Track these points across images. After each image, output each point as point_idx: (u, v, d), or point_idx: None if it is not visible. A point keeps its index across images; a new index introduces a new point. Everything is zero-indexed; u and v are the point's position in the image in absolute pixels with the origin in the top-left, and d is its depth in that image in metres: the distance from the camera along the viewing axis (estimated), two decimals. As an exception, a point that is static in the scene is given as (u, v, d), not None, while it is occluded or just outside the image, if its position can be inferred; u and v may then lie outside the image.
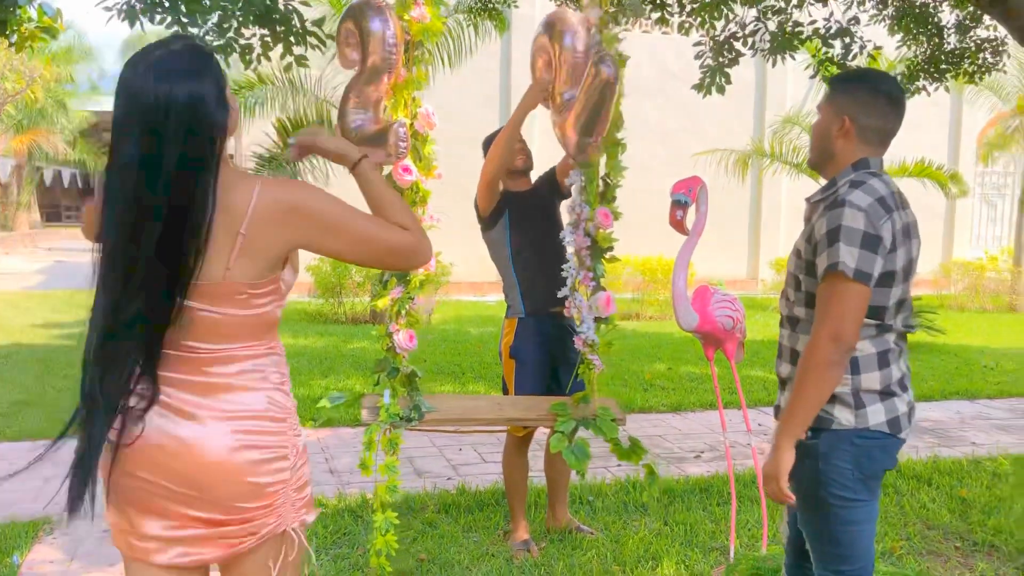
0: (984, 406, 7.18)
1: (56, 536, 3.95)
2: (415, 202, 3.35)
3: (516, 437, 3.92)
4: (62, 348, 8.58)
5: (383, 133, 3.19)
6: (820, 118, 2.40)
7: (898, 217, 2.23)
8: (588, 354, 3.56)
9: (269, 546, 1.82)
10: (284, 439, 1.83)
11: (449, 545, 3.88)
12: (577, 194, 3.62)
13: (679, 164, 11.34)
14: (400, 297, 3.36)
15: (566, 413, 3.49)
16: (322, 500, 4.40)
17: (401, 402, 3.43)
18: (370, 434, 3.35)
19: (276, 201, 1.76)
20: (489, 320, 11.75)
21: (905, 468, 5.09)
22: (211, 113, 1.70)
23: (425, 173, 3.34)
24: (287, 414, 1.86)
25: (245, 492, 1.76)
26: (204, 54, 1.75)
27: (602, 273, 3.59)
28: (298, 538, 1.86)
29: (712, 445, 5.76)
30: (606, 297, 3.54)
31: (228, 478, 1.74)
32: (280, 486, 1.81)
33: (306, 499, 1.91)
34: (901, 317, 2.31)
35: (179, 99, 1.66)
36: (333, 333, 10.32)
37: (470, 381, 7.52)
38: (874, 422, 2.25)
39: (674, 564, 3.71)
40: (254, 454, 1.76)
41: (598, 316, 3.56)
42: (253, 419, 1.78)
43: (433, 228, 3.39)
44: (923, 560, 3.82)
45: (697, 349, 8.98)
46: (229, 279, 1.73)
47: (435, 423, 3.51)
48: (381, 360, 3.44)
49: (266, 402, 1.81)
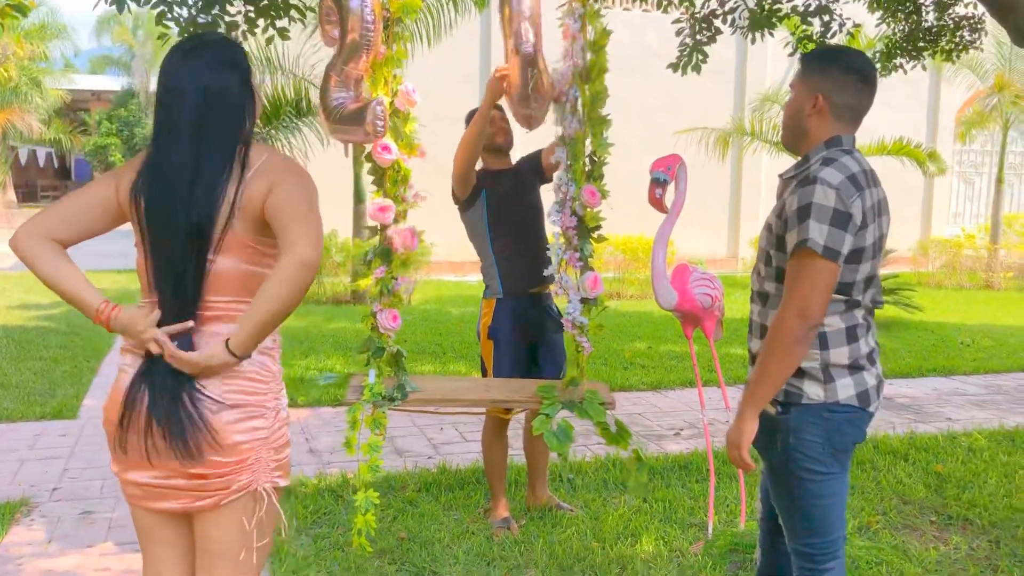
0: (960, 382, 7.26)
1: (33, 519, 3.93)
2: (396, 182, 3.31)
3: (496, 418, 3.92)
4: (37, 329, 8.50)
5: (362, 111, 3.16)
6: (793, 96, 2.41)
7: (869, 195, 2.24)
8: (577, 336, 3.53)
9: (243, 503, 1.95)
10: (263, 399, 1.95)
11: (430, 523, 3.89)
12: (563, 172, 3.57)
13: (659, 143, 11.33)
14: (383, 277, 3.33)
15: (552, 396, 3.46)
16: (302, 480, 4.39)
17: (386, 382, 3.42)
18: (354, 413, 3.34)
19: (265, 175, 1.93)
20: (470, 300, 11.73)
21: (882, 444, 5.14)
22: (240, 100, 1.97)
23: (407, 152, 3.31)
24: (271, 377, 1.99)
25: (219, 447, 1.89)
26: (234, 47, 2.03)
27: (590, 253, 3.56)
28: (268, 498, 1.97)
29: (691, 423, 5.79)
30: (593, 277, 3.50)
31: (205, 433, 1.87)
32: (256, 444, 1.93)
33: (282, 462, 2.01)
34: (870, 293, 2.32)
35: (213, 86, 1.92)
36: (314, 313, 10.28)
37: (451, 361, 7.52)
38: (843, 396, 2.28)
39: (653, 540, 3.74)
40: (232, 413, 1.90)
41: (585, 297, 3.52)
42: (238, 379, 1.91)
43: (415, 207, 3.37)
44: (899, 534, 3.87)
45: (677, 328, 9.02)
46: (238, 231, 1.92)
47: (420, 403, 3.50)
48: (367, 340, 3.42)
49: (255, 365, 1.94)
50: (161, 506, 1.96)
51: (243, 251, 1.93)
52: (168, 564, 2.07)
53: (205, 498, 1.92)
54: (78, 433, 5.24)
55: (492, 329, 3.85)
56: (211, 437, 1.87)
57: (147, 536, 2.06)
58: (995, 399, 6.66)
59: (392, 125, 3.25)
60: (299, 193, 1.92)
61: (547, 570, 3.45)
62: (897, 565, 3.51)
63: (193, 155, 1.91)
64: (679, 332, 8.84)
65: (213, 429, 1.88)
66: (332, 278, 11.84)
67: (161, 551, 2.06)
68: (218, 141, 1.92)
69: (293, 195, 1.91)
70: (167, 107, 1.94)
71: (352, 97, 3.18)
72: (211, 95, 1.92)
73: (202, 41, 1.99)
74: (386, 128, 3.17)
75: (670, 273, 3.69)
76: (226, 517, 1.94)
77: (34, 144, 27.90)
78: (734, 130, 13.61)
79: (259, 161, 1.95)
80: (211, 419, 1.87)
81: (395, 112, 3.27)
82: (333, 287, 11.77)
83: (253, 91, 2.03)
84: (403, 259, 3.34)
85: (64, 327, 8.56)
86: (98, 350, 7.57)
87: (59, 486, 4.35)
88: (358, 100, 3.17)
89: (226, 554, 1.97)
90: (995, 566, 3.58)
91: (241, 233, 1.92)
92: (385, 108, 3.16)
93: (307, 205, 1.91)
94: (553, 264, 3.58)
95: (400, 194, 3.34)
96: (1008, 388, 7.05)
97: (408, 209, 3.37)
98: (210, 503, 1.92)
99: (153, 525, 2.03)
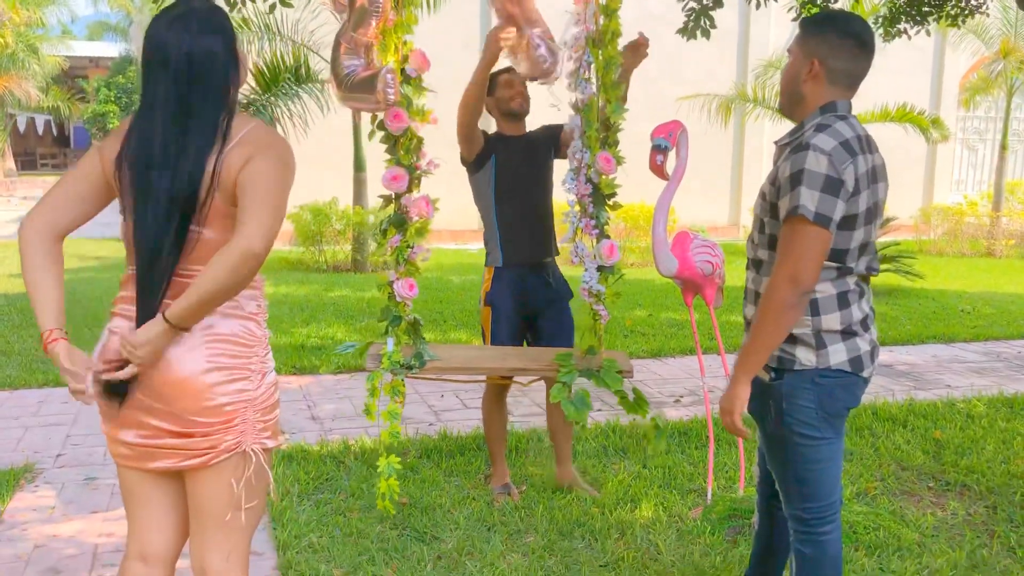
0: (960, 349, 7.27)
1: (38, 485, 3.96)
2: (409, 149, 3.28)
3: (494, 385, 3.92)
4: (40, 297, 8.50)
5: (372, 79, 3.13)
6: (790, 62, 2.40)
7: (863, 160, 2.23)
8: (594, 304, 3.52)
9: (230, 463, 1.99)
10: (248, 362, 1.99)
11: (431, 489, 3.92)
12: (577, 139, 3.53)
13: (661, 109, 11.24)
14: (398, 246, 3.32)
15: (570, 364, 3.46)
16: (303, 447, 4.42)
17: (404, 350, 3.43)
18: (373, 381, 3.36)
19: (243, 149, 1.92)
20: (470, 268, 11.73)
21: (881, 410, 5.16)
22: (224, 65, 1.95)
23: (419, 119, 3.27)
24: (256, 342, 2.02)
25: (204, 408, 1.93)
26: (219, 13, 2.00)
27: (605, 220, 3.53)
28: (256, 459, 2.00)
29: (691, 390, 5.81)
30: (610, 245, 3.47)
31: (190, 394, 1.92)
32: (241, 406, 1.97)
33: (271, 423, 2.05)
34: (864, 260, 2.32)
35: (197, 51, 1.91)
36: (314, 281, 10.29)
37: (451, 329, 7.54)
38: (835, 361, 2.29)
39: (653, 506, 3.77)
40: (218, 375, 1.94)
41: (602, 265, 3.50)
42: (223, 343, 1.95)
43: (428, 175, 3.35)
44: (897, 500, 3.90)
45: (677, 295, 9.02)
46: (219, 201, 1.92)
47: (437, 371, 3.51)
48: (384, 309, 3.43)
49: (238, 328, 1.98)
50: (151, 466, 1.99)
51: (225, 221, 1.94)
52: (153, 528, 2.10)
53: (193, 457, 1.95)
54: (81, 400, 5.26)
55: (489, 297, 3.84)
56: (182, 389, 1.91)
57: (133, 498, 2.08)
58: (995, 366, 6.67)
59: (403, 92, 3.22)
60: (271, 173, 1.90)
61: (547, 535, 3.48)
62: (895, 530, 3.54)
63: (177, 123, 1.91)
64: (679, 300, 8.85)
65: (195, 388, 1.92)
66: (333, 246, 11.82)
67: (147, 513, 2.09)
68: (202, 109, 1.92)
69: (264, 174, 1.89)
70: (151, 74, 1.94)
71: (363, 64, 3.16)
72: (195, 62, 1.91)
73: (187, 8, 1.98)
74: (397, 96, 3.15)
75: (671, 240, 3.68)
76: (215, 477, 1.98)
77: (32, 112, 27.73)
78: (736, 96, 13.52)
79: (241, 132, 1.94)
80: (196, 379, 1.91)
81: (407, 78, 3.23)
82: (334, 255, 11.77)
83: (238, 58, 2.01)
84: (418, 227, 3.33)
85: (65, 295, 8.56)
86: (99, 318, 7.57)
87: (63, 452, 4.38)
88: (369, 67, 3.15)
89: (216, 514, 2.01)
90: (992, 531, 3.61)
91: (221, 204, 1.92)
92: (395, 76, 3.13)
93: (275, 188, 1.89)
94: (569, 232, 3.56)
95: (413, 162, 3.32)
96: (1008, 355, 7.07)
97: (422, 177, 3.34)
98: (198, 463, 1.96)
99: (140, 486, 2.06)
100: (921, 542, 3.47)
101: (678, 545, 3.43)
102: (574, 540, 3.46)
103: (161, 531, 2.10)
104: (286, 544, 3.35)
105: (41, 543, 3.39)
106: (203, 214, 1.92)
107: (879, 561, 3.31)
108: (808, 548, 2.41)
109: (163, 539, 2.11)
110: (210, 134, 1.91)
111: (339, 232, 11.65)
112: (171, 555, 2.14)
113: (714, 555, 3.33)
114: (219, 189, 1.91)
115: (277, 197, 1.90)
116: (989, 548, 3.45)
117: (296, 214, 11.31)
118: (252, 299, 2.02)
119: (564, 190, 3.55)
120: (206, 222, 1.93)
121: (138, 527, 2.10)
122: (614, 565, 3.26)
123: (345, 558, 3.26)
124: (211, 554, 2.04)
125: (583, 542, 3.46)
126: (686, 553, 3.35)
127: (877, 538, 3.48)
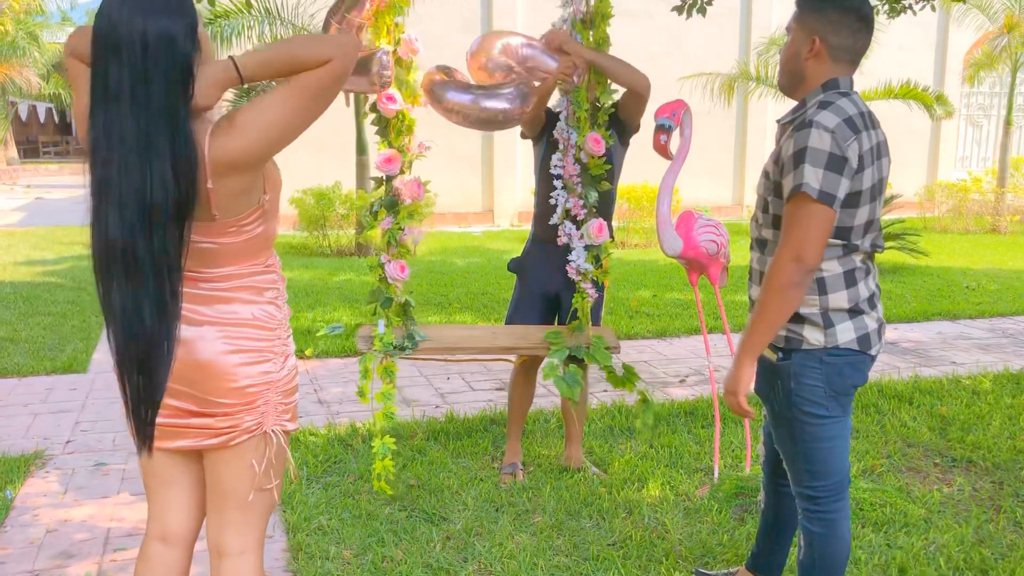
0: (965, 326, 7.27)
1: (48, 470, 3.99)
2: (401, 132, 3.30)
3: (523, 361, 3.91)
4: (45, 285, 8.53)
5: (366, 61, 3.13)
6: (790, 40, 2.37)
7: (866, 137, 2.22)
8: (581, 283, 3.56)
9: (251, 444, 1.99)
10: (271, 345, 1.99)
11: (439, 471, 3.93)
12: (564, 120, 3.56)
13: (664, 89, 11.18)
14: (390, 228, 3.34)
15: (559, 341, 3.52)
16: (311, 430, 4.44)
17: (395, 331, 3.46)
18: (365, 363, 3.39)
19: (223, 150, 1.79)
20: (474, 251, 11.73)
21: (886, 387, 5.17)
22: (181, 49, 1.73)
23: (411, 100, 3.29)
24: (277, 324, 2.02)
25: (228, 390, 1.93)
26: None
27: (594, 200, 3.56)
28: (277, 440, 2.02)
29: (697, 369, 5.82)
30: (598, 224, 3.52)
31: (214, 376, 1.92)
32: (263, 387, 1.97)
33: (290, 407, 2.06)
34: (869, 237, 2.32)
35: (150, 33, 1.69)
36: (318, 266, 10.29)
37: (456, 312, 7.55)
38: (843, 340, 2.29)
39: (659, 485, 3.79)
40: (240, 357, 1.94)
41: (590, 244, 3.54)
42: (243, 326, 1.95)
43: (421, 157, 3.36)
44: (903, 477, 3.91)
45: (682, 276, 9.03)
46: (220, 220, 1.87)
47: (429, 352, 3.54)
48: (374, 290, 3.45)
49: (258, 312, 1.98)
50: (173, 445, 1.99)
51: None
52: (173, 509, 2.11)
53: (213, 437, 1.96)
54: (88, 387, 5.29)
55: (515, 263, 3.85)
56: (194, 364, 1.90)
57: (154, 478, 2.09)
58: (1000, 342, 6.67)
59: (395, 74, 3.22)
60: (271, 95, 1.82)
61: (555, 515, 3.50)
62: (901, 506, 3.56)
63: (137, 123, 1.70)
64: (684, 280, 8.85)
65: (219, 370, 1.92)
66: (337, 230, 11.81)
67: (168, 494, 2.10)
68: (159, 101, 1.71)
69: (266, 99, 1.81)
70: (101, 58, 1.71)
71: None
72: (150, 46, 1.69)
73: None
74: (392, 78, 3.15)
75: (675, 220, 3.68)
76: (236, 458, 1.98)
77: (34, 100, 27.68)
78: (739, 75, 13.44)
79: (210, 121, 1.81)
80: (217, 360, 1.91)
81: (398, 61, 3.24)
82: (338, 239, 11.76)
83: (200, 45, 1.80)
84: (410, 209, 3.34)
85: (71, 282, 8.59)
86: (105, 305, 7.60)
87: (72, 439, 4.41)
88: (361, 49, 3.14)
89: (236, 494, 2.02)
90: (998, 506, 3.62)
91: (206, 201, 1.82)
92: (391, 57, 3.14)
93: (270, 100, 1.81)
94: (557, 212, 3.60)
95: (405, 144, 3.33)
96: (1014, 332, 7.06)
97: (414, 159, 3.36)
98: (219, 443, 1.96)
99: (162, 466, 2.07)
100: (928, 518, 3.49)
101: (685, 524, 3.44)
102: (582, 520, 3.48)
103: (181, 511, 2.11)
104: (296, 526, 3.37)
105: (53, 528, 3.41)
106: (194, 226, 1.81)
107: (886, 537, 3.33)
108: (817, 526, 2.42)
109: (183, 520, 2.12)
110: (176, 135, 1.72)
111: (343, 216, 11.64)
112: (191, 535, 2.15)
113: (721, 533, 3.35)
114: (223, 201, 1.82)
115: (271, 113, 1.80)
116: (995, 523, 3.46)
117: (299, 199, 11.30)
118: (269, 283, 2.02)
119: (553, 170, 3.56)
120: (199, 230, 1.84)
121: (158, 508, 2.11)
122: (622, 544, 3.28)
123: (354, 539, 3.28)
124: (228, 535, 2.04)
125: (591, 521, 3.47)
126: (693, 531, 3.37)
127: (884, 514, 3.49)
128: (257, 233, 1.95)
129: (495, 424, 4.60)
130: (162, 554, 2.12)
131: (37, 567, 3.11)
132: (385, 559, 3.15)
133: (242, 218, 1.90)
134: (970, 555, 3.18)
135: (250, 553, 2.06)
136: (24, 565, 3.12)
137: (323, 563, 3.10)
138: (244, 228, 1.92)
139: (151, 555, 2.12)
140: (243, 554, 2.05)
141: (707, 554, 3.21)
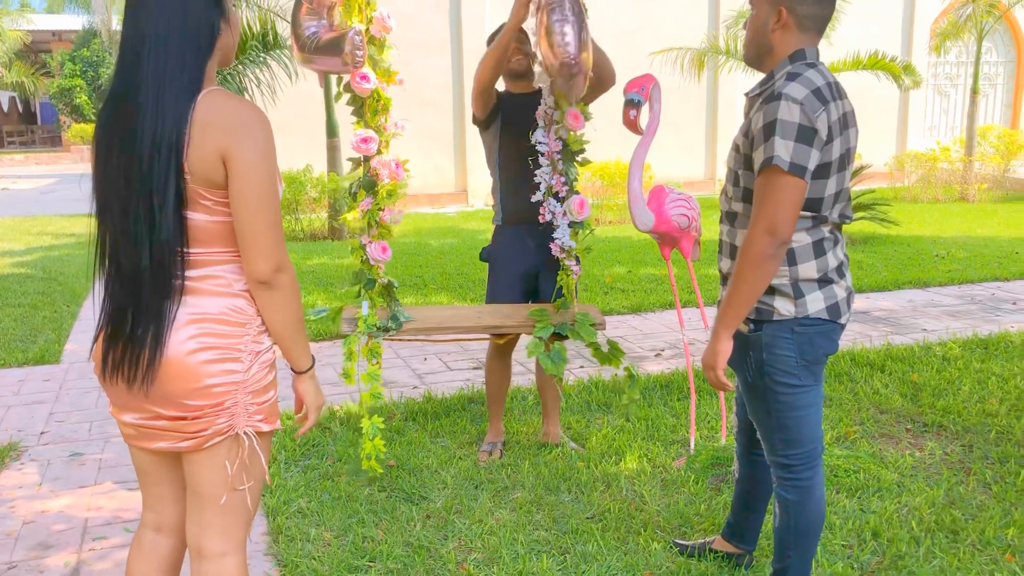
0: (935, 294, 7.37)
1: (23, 462, 3.96)
2: (376, 111, 3.28)
3: (497, 343, 3.93)
4: (14, 276, 8.42)
5: (338, 41, 3.10)
6: (755, 12, 2.36)
7: (835, 108, 2.23)
8: (565, 260, 3.57)
9: (224, 446, 1.93)
10: (238, 342, 1.89)
11: (417, 451, 3.95)
12: (546, 96, 3.55)
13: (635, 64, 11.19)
14: (370, 209, 3.33)
15: (544, 319, 3.53)
16: (288, 413, 4.42)
17: (379, 313, 3.46)
18: (350, 345, 3.38)
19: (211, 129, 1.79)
20: (449, 232, 11.71)
21: (858, 356, 5.23)
22: (206, 9, 1.81)
23: (385, 80, 3.26)
24: (247, 320, 1.92)
25: (193, 390, 1.85)
26: None
27: (575, 176, 3.56)
28: (248, 442, 1.94)
29: (671, 343, 5.87)
30: (579, 200, 3.53)
31: (179, 376, 1.84)
32: (231, 387, 1.89)
33: (264, 406, 1.96)
34: (838, 208, 2.34)
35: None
36: (291, 250, 10.23)
37: (432, 292, 7.54)
38: (813, 309, 2.32)
39: (637, 458, 3.82)
40: (206, 355, 1.85)
41: (573, 220, 3.55)
42: (211, 322, 1.86)
43: (397, 136, 3.35)
44: (876, 443, 3.97)
45: (656, 252, 9.07)
46: (191, 185, 1.80)
47: (413, 332, 3.54)
48: (357, 272, 3.44)
49: (226, 307, 1.88)
50: (152, 446, 1.97)
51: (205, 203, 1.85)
52: (166, 502, 2.11)
53: (186, 440, 1.91)
54: (62, 378, 5.24)
55: (487, 252, 3.86)
56: (171, 372, 1.84)
57: (144, 475, 2.09)
58: (969, 309, 6.77)
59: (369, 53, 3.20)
60: (256, 175, 1.83)
61: (534, 490, 3.53)
62: (874, 472, 3.62)
63: (156, 78, 1.76)
64: (658, 256, 8.89)
65: (182, 369, 1.84)
66: (309, 214, 11.74)
67: (159, 490, 2.10)
68: (182, 63, 1.77)
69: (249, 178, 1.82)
70: (127, 25, 1.79)
71: (325, 26, 3.12)
72: (172, 7, 1.77)
73: None
74: (365, 57, 3.12)
75: (646, 195, 3.69)
76: (209, 460, 1.94)
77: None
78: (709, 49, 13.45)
79: (204, 103, 1.80)
80: (182, 360, 1.83)
81: (371, 40, 3.21)
82: (310, 223, 11.69)
83: (224, 9, 1.86)
84: (389, 189, 3.33)
85: (41, 273, 8.49)
86: (77, 295, 7.53)
87: (46, 430, 4.37)
88: (332, 29, 3.11)
89: (211, 496, 1.97)
90: (968, 468, 3.69)
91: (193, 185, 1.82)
92: (363, 37, 3.11)
93: (265, 194, 1.84)
94: (541, 190, 3.59)
95: (381, 124, 3.31)
96: (982, 297, 7.17)
97: (391, 139, 3.34)
98: (192, 445, 1.91)
99: (149, 464, 2.06)
100: (900, 482, 3.55)
101: (663, 495, 3.48)
102: (560, 494, 3.51)
103: (174, 503, 2.11)
104: (276, 510, 3.38)
105: (30, 519, 3.39)
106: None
107: (860, 502, 3.38)
108: (791, 494, 2.46)
109: (176, 511, 2.12)
110: (193, 93, 1.77)
111: (315, 200, 11.56)
112: (184, 525, 2.13)
113: (698, 503, 3.39)
114: (196, 164, 1.78)
115: (270, 200, 1.83)
116: (965, 485, 3.53)
117: (270, 183, 11.21)
118: (239, 274, 1.90)
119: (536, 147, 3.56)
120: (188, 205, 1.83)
121: (151, 501, 2.12)
122: (600, 516, 3.32)
123: (335, 521, 3.29)
124: (208, 536, 2.00)
125: (569, 496, 3.50)
126: (671, 502, 3.41)
127: (857, 480, 3.55)
128: (230, 220, 1.86)
129: (473, 403, 4.62)
130: (156, 543, 2.12)
131: (15, 558, 3.09)
132: (366, 539, 3.16)
133: (216, 191, 1.82)
134: (941, 517, 3.24)
135: (231, 555, 2.02)
136: (1, 557, 3.10)
137: (304, 545, 3.11)
138: (219, 205, 1.83)
139: (145, 543, 2.13)
140: (224, 556, 2.01)
141: (684, 524, 3.25)
